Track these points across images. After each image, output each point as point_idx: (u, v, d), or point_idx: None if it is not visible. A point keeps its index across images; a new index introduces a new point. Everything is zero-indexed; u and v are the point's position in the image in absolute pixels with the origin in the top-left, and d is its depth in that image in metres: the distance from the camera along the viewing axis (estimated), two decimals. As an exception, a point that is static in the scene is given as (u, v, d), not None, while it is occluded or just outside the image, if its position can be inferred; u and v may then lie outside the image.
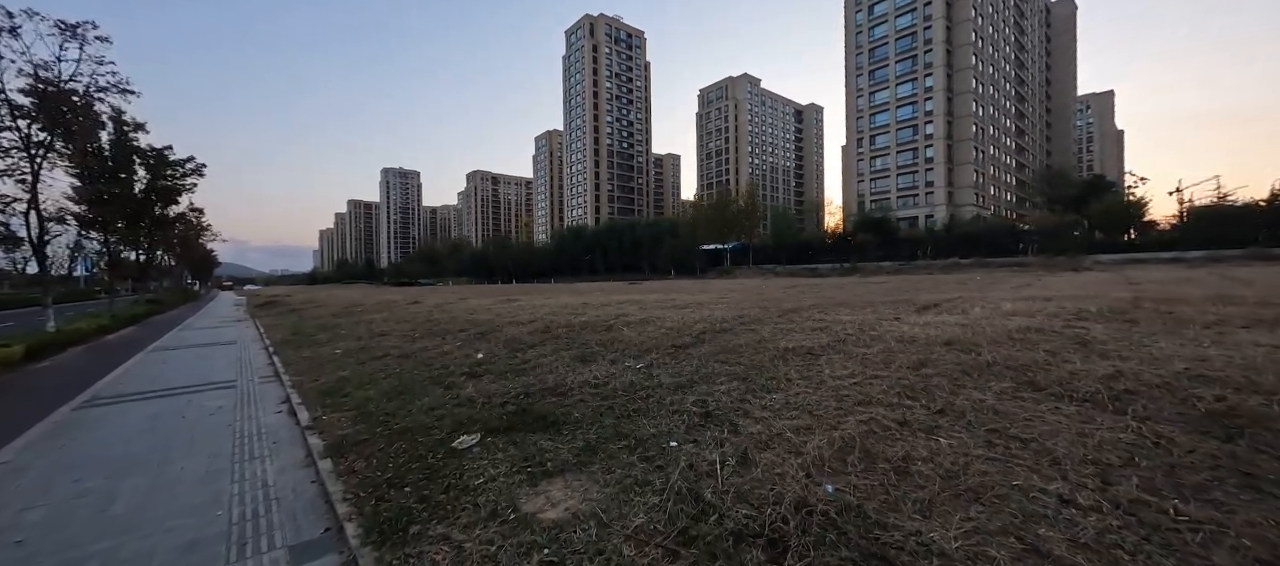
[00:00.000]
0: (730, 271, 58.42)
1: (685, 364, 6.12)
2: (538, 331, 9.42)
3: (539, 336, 9.00)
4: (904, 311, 9.11)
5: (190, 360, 10.98)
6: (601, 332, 8.64)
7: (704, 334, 7.72)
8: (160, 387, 8.08)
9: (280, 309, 26.34)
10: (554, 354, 7.42)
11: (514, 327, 10.20)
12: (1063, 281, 18.95)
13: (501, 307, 15.78)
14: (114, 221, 20.55)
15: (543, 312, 12.32)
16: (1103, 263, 33.21)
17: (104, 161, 19.46)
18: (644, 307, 12.11)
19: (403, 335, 11.48)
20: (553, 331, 9.32)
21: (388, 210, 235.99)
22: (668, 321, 9.07)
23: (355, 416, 5.66)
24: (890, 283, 22.80)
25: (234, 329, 18.16)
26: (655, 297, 16.80)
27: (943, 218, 62.05)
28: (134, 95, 15.48)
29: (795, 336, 6.99)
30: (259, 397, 7.21)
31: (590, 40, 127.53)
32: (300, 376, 8.24)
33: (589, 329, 9.08)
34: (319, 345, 11.68)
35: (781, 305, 11.25)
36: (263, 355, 11.44)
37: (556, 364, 6.78)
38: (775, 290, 20.10)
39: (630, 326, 8.86)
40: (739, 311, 10.06)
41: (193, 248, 50.28)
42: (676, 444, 3.87)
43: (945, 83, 66.16)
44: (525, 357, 7.45)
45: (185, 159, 25.84)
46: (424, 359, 8.28)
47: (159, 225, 27.31)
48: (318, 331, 14.52)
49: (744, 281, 35.04)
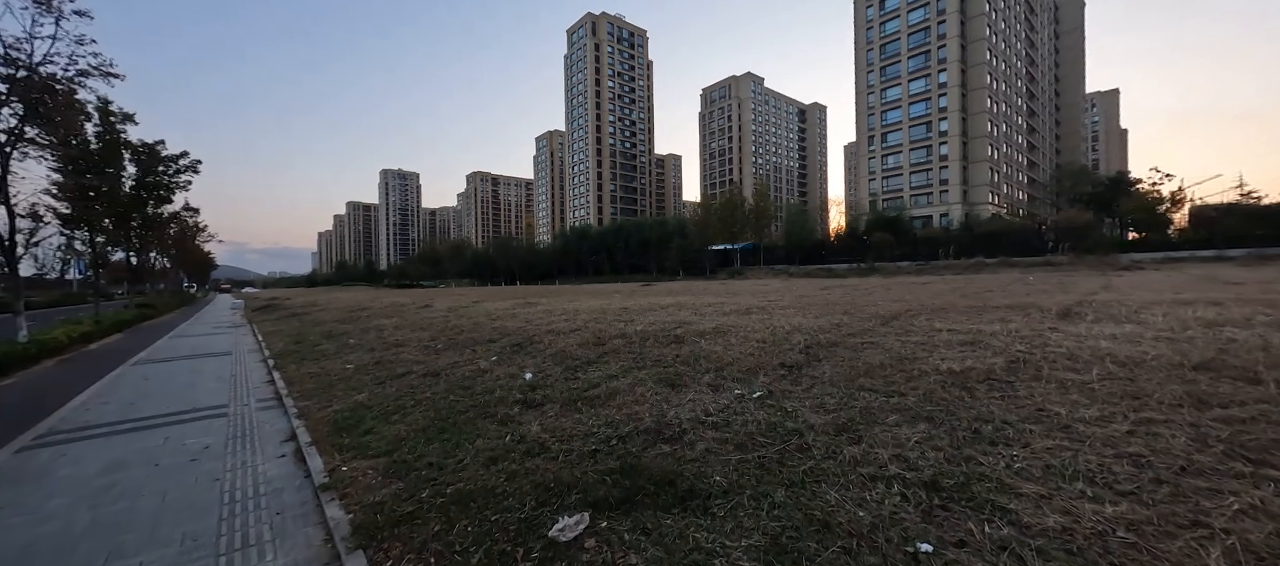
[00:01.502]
0: (741, 272, 57.00)
1: (819, 393, 4.65)
2: (588, 343, 7.93)
3: (592, 349, 7.51)
4: (1037, 318, 7.63)
5: (177, 376, 9.48)
6: (671, 346, 7.16)
7: (810, 348, 6.24)
8: (134, 417, 6.57)
9: (280, 313, 24.83)
10: (627, 375, 5.93)
11: (556, 338, 8.71)
12: (1142, 281, 17.52)
13: (525, 312, 14.30)
14: (100, 219, 19.04)
15: (583, 319, 10.82)
16: (1142, 262, 31.77)
17: (90, 155, 17.94)
18: (698, 312, 10.64)
19: (422, 345, 9.99)
20: (606, 342, 7.84)
21: (387, 212, 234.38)
22: (748, 331, 7.59)
23: (387, 467, 4.18)
24: (938, 284, 21.32)
25: (229, 336, 16.65)
26: (694, 300, 15.33)
27: (958, 217, 60.60)
28: (118, 78, 13.98)
29: (942, 353, 5.52)
30: (256, 431, 5.72)
31: (592, 39, 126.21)
32: (307, 401, 6.75)
33: (652, 340, 7.59)
34: (325, 357, 10.18)
35: (867, 310, 9.76)
36: (261, 369, 9.94)
37: (639, 390, 5.29)
38: (820, 292, 18.62)
39: (705, 337, 7.38)
40: (823, 319, 8.59)
41: (189, 249, 48.69)
42: (929, 547, 2.39)
43: (960, 79, 64.68)
44: (589, 379, 5.97)
45: (178, 154, 24.34)
46: (458, 379, 6.78)
47: (151, 224, 25.77)
48: (322, 339, 13.03)
49: (766, 282, 33.58)
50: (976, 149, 66.14)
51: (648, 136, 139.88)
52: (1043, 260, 36.07)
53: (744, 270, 57.98)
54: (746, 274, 54.71)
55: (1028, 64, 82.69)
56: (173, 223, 30.91)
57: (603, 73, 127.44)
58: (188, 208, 30.56)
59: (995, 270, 35.53)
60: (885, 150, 72.99)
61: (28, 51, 11.96)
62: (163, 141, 23.61)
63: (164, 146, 23.59)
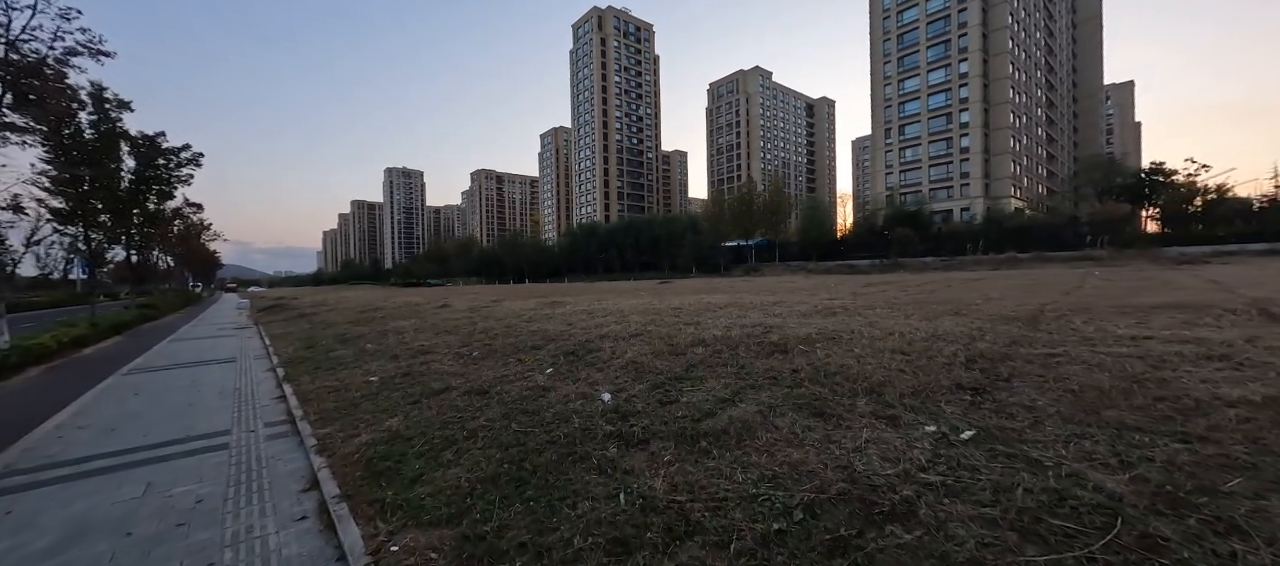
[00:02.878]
0: (757, 269, 55.60)
1: (1063, 433, 3.29)
2: (662, 352, 6.59)
3: (672, 360, 6.16)
4: (1234, 321, 6.23)
5: (173, 389, 8.20)
6: (776, 356, 5.81)
7: (977, 361, 4.87)
8: (114, 449, 5.28)
9: (288, 313, 23.62)
10: (745, 397, 4.58)
11: (616, 344, 7.36)
12: (1241, 274, 16.01)
13: (558, 312, 12.94)
14: (96, 214, 17.84)
15: (636, 321, 9.46)
16: (1189, 256, 30.14)
17: (84, 145, 16.72)
18: (769, 312, 9.28)
19: (453, 353, 8.67)
20: (684, 351, 6.49)
21: (392, 210, 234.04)
22: (864, 337, 6.22)
23: (457, 547, 2.86)
24: (998, 281, 19.87)
25: (234, 340, 15.41)
26: (746, 298, 13.95)
27: (980, 211, 58.85)
28: (108, 56, 12.71)
29: (1189, 369, 4.14)
30: (266, 474, 4.41)
31: (598, 33, 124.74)
32: (327, 426, 5.44)
33: (746, 348, 6.24)
34: (342, 366, 8.88)
35: (981, 310, 8.35)
36: (269, 379, 8.66)
37: (778, 421, 3.94)
38: (868, 288, 17.20)
39: (814, 345, 6.01)
40: (942, 321, 7.20)
41: (193, 247, 47.72)
42: None
43: (981, 68, 62.74)
44: (696, 404, 4.62)
45: (180, 147, 23.13)
46: (515, 400, 5.44)
47: (152, 221, 24.59)
48: (336, 344, 11.74)
49: (791, 279, 32.17)
50: (998, 141, 64.23)
51: (654, 132, 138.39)
52: (1081, 255, 34.47)
53: (760, 267, 56.55)
54: (763, 271, 53.29)
55: (1047, 53, 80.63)
56: (176, 219, 29.74)
57: (609, 68, 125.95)
58: (190, 204, 29.41)
59: (1031, 265, 33.98)
60: (902, 143, 71.09)
61: (4, 23, 10.68)
62: (163, 133, 22.41)
63: (165, 138, 22.39)
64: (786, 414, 4.08)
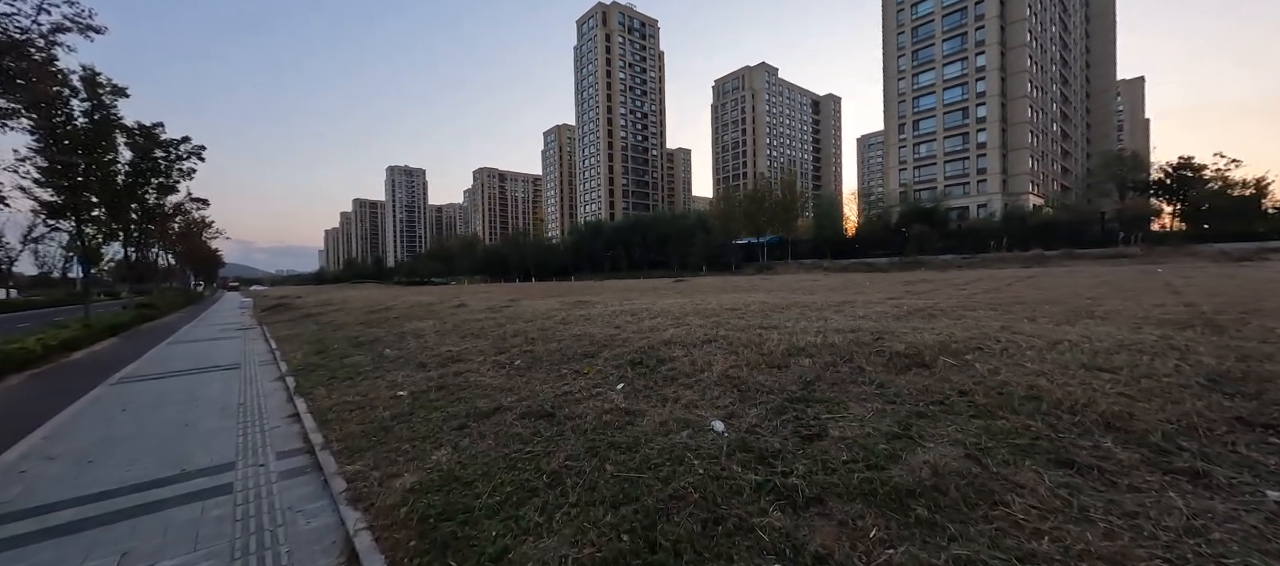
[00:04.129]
0: (770, 267, 54.39)
1: None
2: (756, 363, 5.43)
3: (778, 374, 5.02)
4: None
5: (167, 405, 7.08)
6: (913, 370, 4.65)
7: (1233, 381, 3.71)
8: (84, 493, 4.14)
9: (293, 313, 22.52)
10: (912, 427, 3.42)
11: (688, 352, 6.21)
12: None
13: (593, 313, 11.76)
14: (89, 208, 16.75)
15: (695, 323, 8.30)
16: (1232, 252, 28.87)
17: (76, 132, 15.61)
18: (846, 313, 8.11)
19: (490, 361, 7.53)
20: (786, 363, 5.35)
21: (393, 208, 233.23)
22: (1004, 339, 5.06)
23: None
24: (1062, 280, 18.68)
25: (237, 342, 14.30)
26: (791, 298, 12.80)
27: (997, 207, 57.51)
28: (98, 33, 11.58)
29: None
30: (283, 535, 3.27)
31: (603, 29, 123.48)
32: (356, 459, 4.30)
33: (861, 358, 5.08)
34: (362, 375, 7.75)
35: (1131, 311, 7.19)
36: (278, 392, 7.55)
37: (1002, 470, 2.78)
38: (909, 288, 16.01)
39: (970, 356, 4.84)
40: (1078, 325, 6.04)
41: (195, 245, 46.69)
42: None
43: (999, 62, 61.29)
44: (848, 437, 3.46)
45: (179, 139, 22.03)
46: (594, 429, 4.29)
47: (150, 216, 23.49)
48: (351, 349, 10.62)
49: (814, 278, 30.98)
50: (1016, 136, 62.77)
51: (660, 129, 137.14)
52: (1114, 252, 33.21)
53: (773, 265, 55.37)
54: (776, 269, 52.08)
55: (1062, 48, 79.15)
56: (176, 216, 28.64)
57: (614, 64, 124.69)
58: (195, 199, 28.28)
59: (1061, 262, 32.76)
60: (917, 138, 69.62)
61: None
62: (161, 124, 21.29)
63: (163, 129, 21.27)
64: (1012, 461, 2.92)
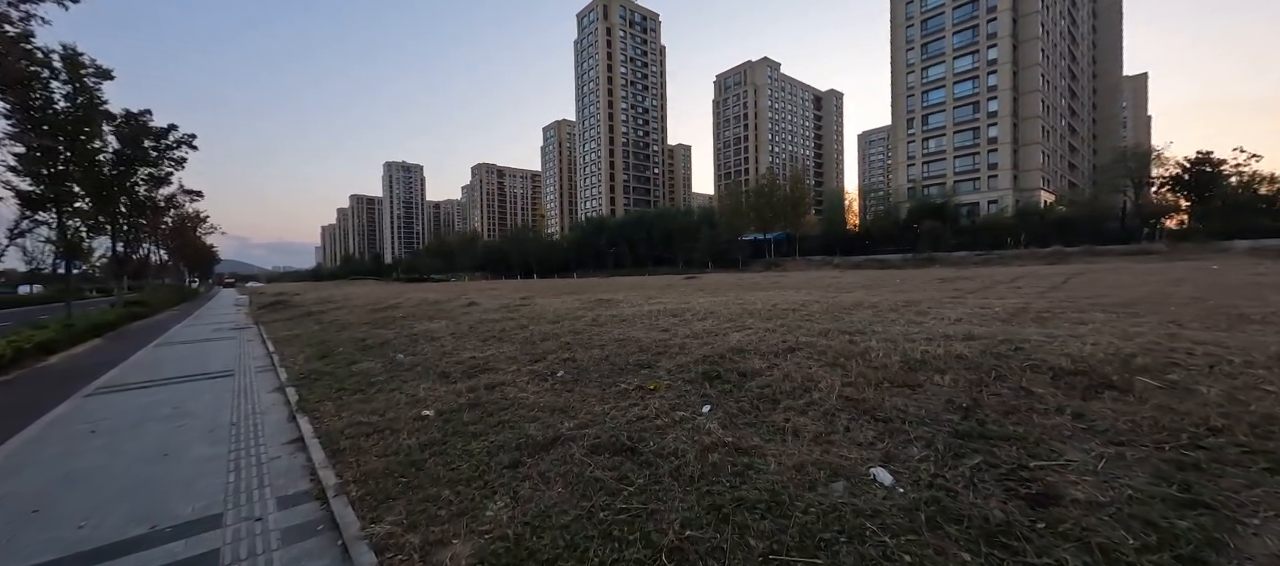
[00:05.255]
0: (779, 264, 53.39)
1: None
2: (871, 379, 4.38)
3: (902, 393, 3.95)
4: None
5: (146, 423, 5.99)
6: (1105, 394, 3.59)
7: None
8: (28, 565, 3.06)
9: (291, 311, 21.39)
10: (1188, 483, 2.35)
11: (771, 363, 5.15)
12: None
13: (625, 313, 10.63)
14: (71, 199, 15.58)
15: (759, 326, 7.21)
16: (1265, 250, 27.95)
17: (55, 116, 14.42)
18: (935, 316, 7.05)
19: (526, 371, 6.46)
20: (900, 378, 4.29)
21: (391, 204, 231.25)
22: (1220, 356, 4.00)
23: None
24: (1114, 276, 17.69)
25: (231, 344, 13.19)
26: (843, 298, 11.73)
27: (1009, 203, 56.50)
28: (74, 2, 10.42)
29: None
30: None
31: (604, 23, 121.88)
32: (386, 518, 3.23)
33: (1018, 373, 4.02)
34: (375, 387, 6.68)
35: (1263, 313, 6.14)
36: (277, 407, 6.46)
37: None
38: (949, 286, 14.96)
39: (1174, 374, 3.78)
40: (1225, 332, 5.00)
41: (189, 240, 45.36)
42: None
43: (1011, 55, 60.09)
44: (1093, 502, 2.40)
45: (167, 128, 20.82)
46: (700, 473, 3.23)
47: (140, 209, 22.28)
48: (358, 353, 9.54)
49: (836, 275, 29.96)
50: (1027, 131, 61.62)
51: (661, 125, 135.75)
52: (1138, 249, 32.29)
53: (781, 261, 54.38)
54: (784, 265, 51.08)
55: (1070, 43, 78.12)
56: (169, 208, 27.41)
57: (615, 58, 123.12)
58: (187, 191, 27.04)
59: (1084, 259, 31.81)
60: (926, 133, 68.37)
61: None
62: (148, 111, 20.09)
63: (150, 117, 20.07)
64: None
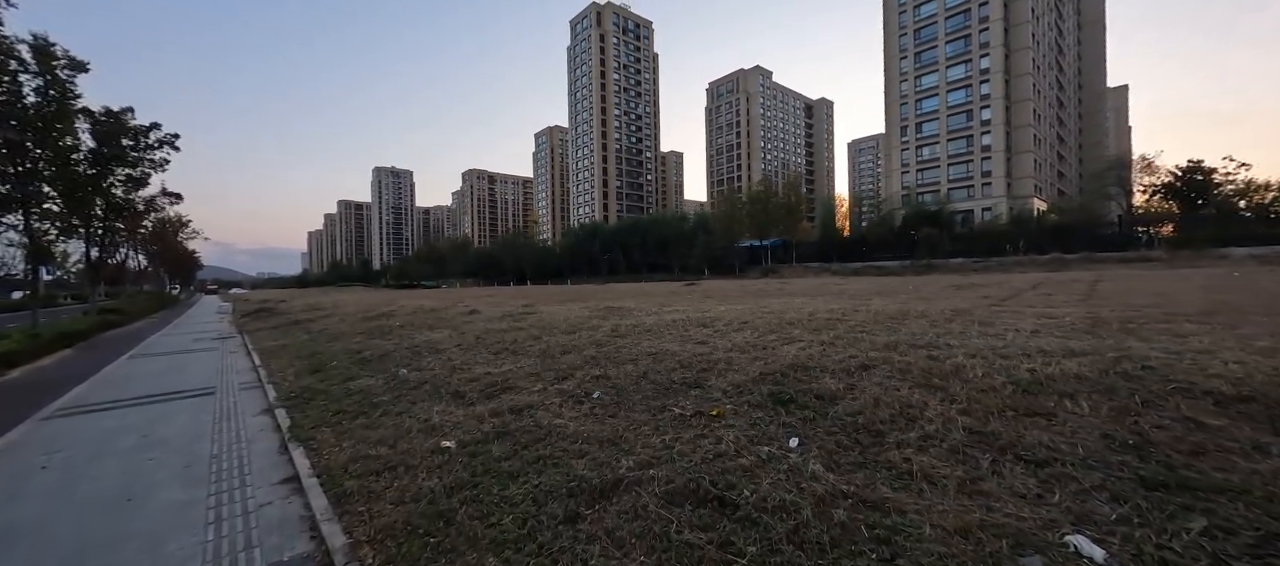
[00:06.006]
0: (776, 271, 52.99)
1: None
2: (984, 406, 3.69)
3: (1025, 424, 3.26)
4: None
5: (108, 456, 5.12)
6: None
7: None
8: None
9: (277, 319, 20.32)
10: None
11: (846, 382, 4.44)
12: None
13: (643, 321, 9.83)
14: (39, 198, 14.49)
15: (811, 341, 6.50)
16: (1267, 256, 28.02)
17: (23, 110, 13.39)
18: (1000, 326, 6.39)
19: (554, 391, 5.68)
20: (1016, 404, 3.61)
21: (380, 210, 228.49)
22: None
23: None
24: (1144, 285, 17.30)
25: (213, 356, 12.21)
26: (865, 305, 11.07)
27: (1003, 210, 56.86)
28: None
29: None
30: None
31: (597, 29, 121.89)
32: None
33: (1159, 395, 3.36)
34: (379, 408, 5.86)
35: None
36: (266, 434, 5.62)
37: None
38: (967, 291, 14.43)
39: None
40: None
41: (170, 244, 43.80)
42: None
43: (1003, 64, 60.79)
44: None
45: (149, 126, 19.77)
46: (842, 547, 2.49)
47: (118, 212, 21.11)
48: (355, 368, 8.68)
49: (840, 282, 29.46)
50: (1020, 139, 62.25)
51: (654, 132, 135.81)
52: (1137, 255, 32.32)
53: (778, 268, 53.98)
54: (783, 272, 50.68)
55: (1057, 53, 79.48)
56: (149, 212, 26.16)
57: (608, 65, 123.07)
58: (167, 193, 25.80)
59: (1083, 266, 31.72)
60: (919, 141, 68.84)
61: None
62: (130, 109, 19.04)
63: (132, 114, 19.02)
64: None
